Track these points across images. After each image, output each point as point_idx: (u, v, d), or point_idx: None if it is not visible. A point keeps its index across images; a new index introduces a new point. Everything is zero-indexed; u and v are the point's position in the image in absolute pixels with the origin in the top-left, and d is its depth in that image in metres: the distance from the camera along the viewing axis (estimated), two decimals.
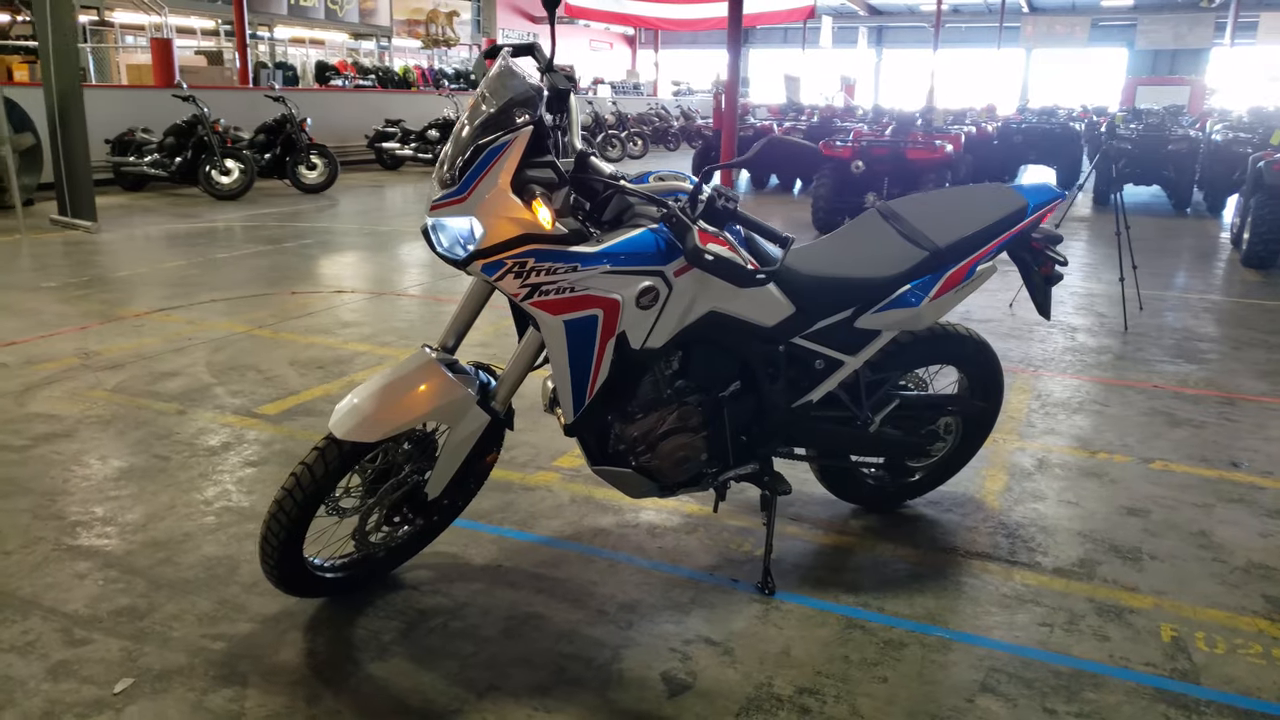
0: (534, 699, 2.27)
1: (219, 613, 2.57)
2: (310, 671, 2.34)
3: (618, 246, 2.24)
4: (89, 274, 6.80)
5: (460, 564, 2.88)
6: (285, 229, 9.14)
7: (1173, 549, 3.09)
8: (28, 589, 2.66)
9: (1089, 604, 2.75)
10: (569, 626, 2.57)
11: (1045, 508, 3.36)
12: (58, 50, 8.16)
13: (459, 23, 25.86)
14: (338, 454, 2.33)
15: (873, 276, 2.70)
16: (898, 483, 3.23)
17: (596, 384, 2.37)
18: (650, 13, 18.97)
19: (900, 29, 41.40)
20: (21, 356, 4.78)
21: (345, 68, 21.11)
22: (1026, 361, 5.20)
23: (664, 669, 2.40)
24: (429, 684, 2.31)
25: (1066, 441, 4.01)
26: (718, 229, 2.27)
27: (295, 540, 2.36)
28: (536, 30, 38.62)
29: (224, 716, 2.16)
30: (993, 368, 3.13)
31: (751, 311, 2.56)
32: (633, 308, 2.28)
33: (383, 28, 23.59)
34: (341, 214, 10.37)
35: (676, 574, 2.86)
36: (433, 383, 2.37)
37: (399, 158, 15.22)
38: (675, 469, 2.63)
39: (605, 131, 18.48)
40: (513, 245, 2.15)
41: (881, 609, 2.70)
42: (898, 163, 9.32)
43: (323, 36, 23.07)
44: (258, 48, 20.45)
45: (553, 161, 2.20)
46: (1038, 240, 2.95)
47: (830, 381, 2.80)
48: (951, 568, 2.93)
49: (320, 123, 14.92)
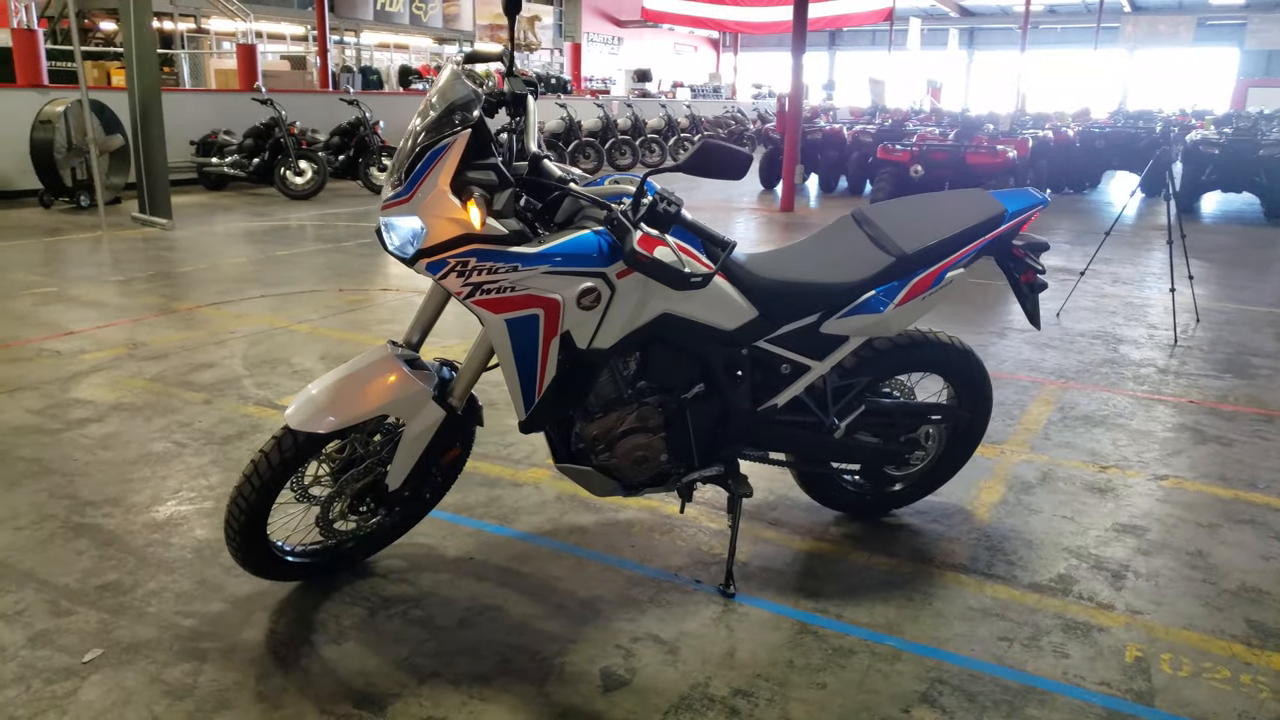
0: (472, 688, 2.33)
1: (196, 592, 2.71)
2: (267, 650, 2.45)
3: (559, 247, 2.29)
4: (155, 269, 7.16)
5: (433, 555, 2.96)
6: (349, 228, 9.44)
7: (1161, 568, 2.99)
8: (29, 562, 2.84)
9: (1057, 620, 2.68)
10: (523, 620, 2.63)
11: (1037, 522, 3.29)
12: (139, 56, 8.60)
13: (540, 27, 26.26)
14: (293, 444, 2.43)
15: (837, 281, 2.69)
16: (879, 491, 3.21)
17: (544, 382, 2.42)
18: (727, 16, 18.96)
19: (992, 30, 40.44)
20: (76, 345, 5.07)
21: (428, 72, 21.63)
22: (1059, 373, 5.06)
23: (605, 665, 2.44)
24: (375, 668, 2.39)
25: (1078, 455, 3.90)
26: (661, 232, 2.30)
27: (256, 525, 2.48)
28: (622, 34, 39.01)
29: (177, 689, 2.29)
30: (977, 376, 3.08)
31: (709, 314, 2.58)
32: (574, 308, 2.33)
33: (465, 32, 24.11)
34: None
35: (642, 573, 2.89)
36: (388, 377, 2.46)
37: None
38: (634, 469, 2.66)
39: (677, 135, 18.51)
40: (455, 245, 2.23)
41: (840, 616, 2.69)
42: (957, 167, 9.15)
43: (407, 41, 23.69)
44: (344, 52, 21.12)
45: (495, 164, 2.26)
46: (1019, 248, 2.90)
47: (796, 386, 2.80)
48: (922, 578, 2.90)
49: (396, 125, 15.34)
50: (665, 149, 18.05)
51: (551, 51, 27.38)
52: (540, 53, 26.91)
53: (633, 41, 38.56)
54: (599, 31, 37.47)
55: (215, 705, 2.23)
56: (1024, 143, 9.88)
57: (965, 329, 5.90)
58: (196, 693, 2.27)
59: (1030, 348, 5.54)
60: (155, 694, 2.26)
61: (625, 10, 36.85)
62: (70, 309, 5.86)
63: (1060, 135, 14.28)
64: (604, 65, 34.80)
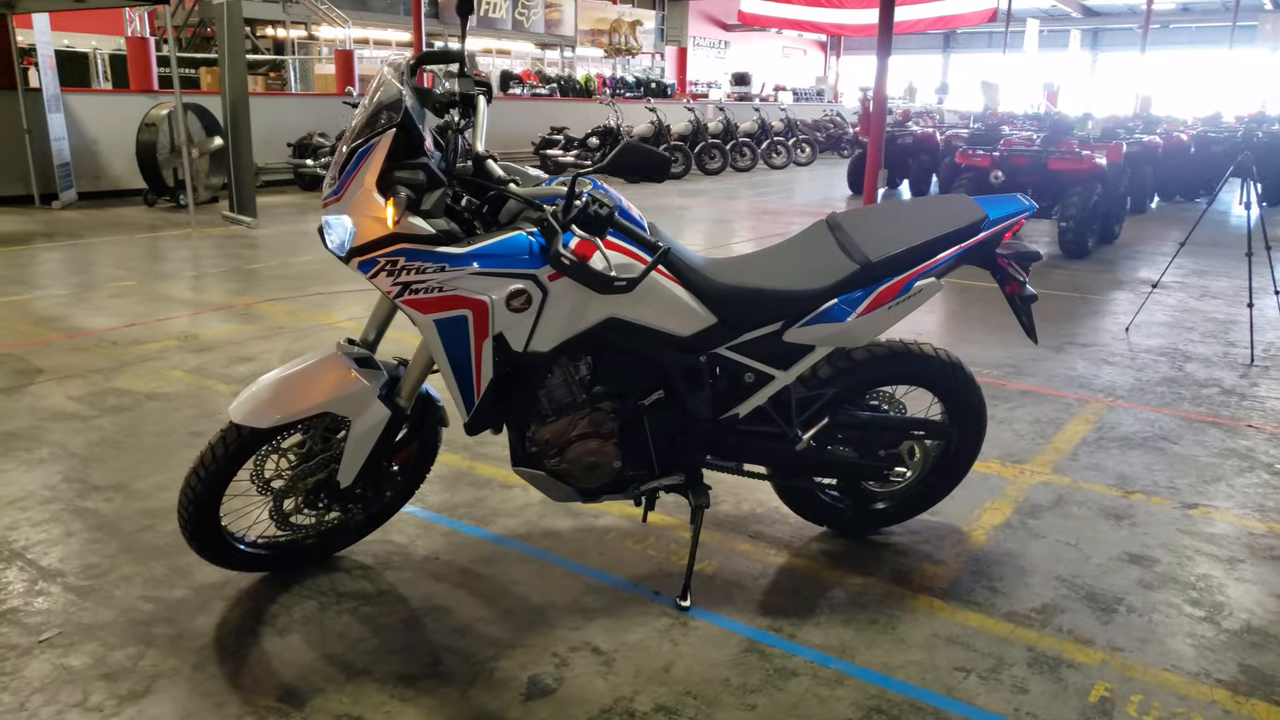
0: (396, 688, 2.34)
1: (165, 578, 2.80)
2: (213, 638, 2.51)
3: (488, 248, 2.28)
4: (229, 265, 7.48)
5: (401, 553, 2.99)
6: None
7: (1160, 603, 2.78)
8: (22, 542, 2.99)
9: (1026, 653, 2.52)
10: (468, 622, 2.62)
11: (1035, 548, 3.11)
12: (231, 63, 9.00)
13: (642, 32, 26.37)
14: (237, 438, 2.49)
15: (798, 289, 2.60)
16: (862, 508, 3.08)
17: (482, 383, 2.41)
18: (825, 18, 18.66)
19: (1117, 31, 38.65)
20: (132, 337, 5.33)
21: (529, 76, 22.00)
22: (1109, 390, 4.78)
23: (535, 672, 2.41)
24: (309, 662, 2.42)
25: (1104, 479, 3.67)
26: (595, 234, 2.26)
27: (207, 514, 2.54)
28: (729, 38, 38.88)
29: (116, 671, 2.36)
30: (965, 391, 2.93)
31: (661, 320, 2.52)
32: (504, 310, 2.31)
33: (567, 37, 24.42)
34: None
35: (602, 581, 2.85)
36: (332, 375, 2.49)
37: (561, 164, 15.71)
38: (585, 474, 2.63)
39: (770, 138, 18.32)
40: (384, 244, 2.24)
41: (793, 635, 2.59)
42: (1039, 173, 8.75)
43: (510, 46, 24.15)
44: None
45: (425, 163, 2.26)
46: (1005, 257, 2.74)
47: (758, 396, 2.71)
48: (892, 601, 2.77)
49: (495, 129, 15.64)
50: (757, 153, 17.89)
51: (652, 56, 27.46)
52: (640, 57, 27.02)
53: (740, 45, 38.38)
54: (705, 35, 37.44)
55: (145, 690, 2.29)
56: (1116, 148, 9.37)
57: (1022, 339, 5.63)
58: (132, 676, 2.34)
59: (1086, 363, 5.25)
60: (93, 675, 2.34)
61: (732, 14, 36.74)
62: (140, 302, 6.16)
63: (1171, 140, 13.51)
64: (711, 69, 34.72)
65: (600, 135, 15.31)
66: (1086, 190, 8.55)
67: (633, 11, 26.50)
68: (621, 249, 2.40)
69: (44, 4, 9.83)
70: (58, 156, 10.42)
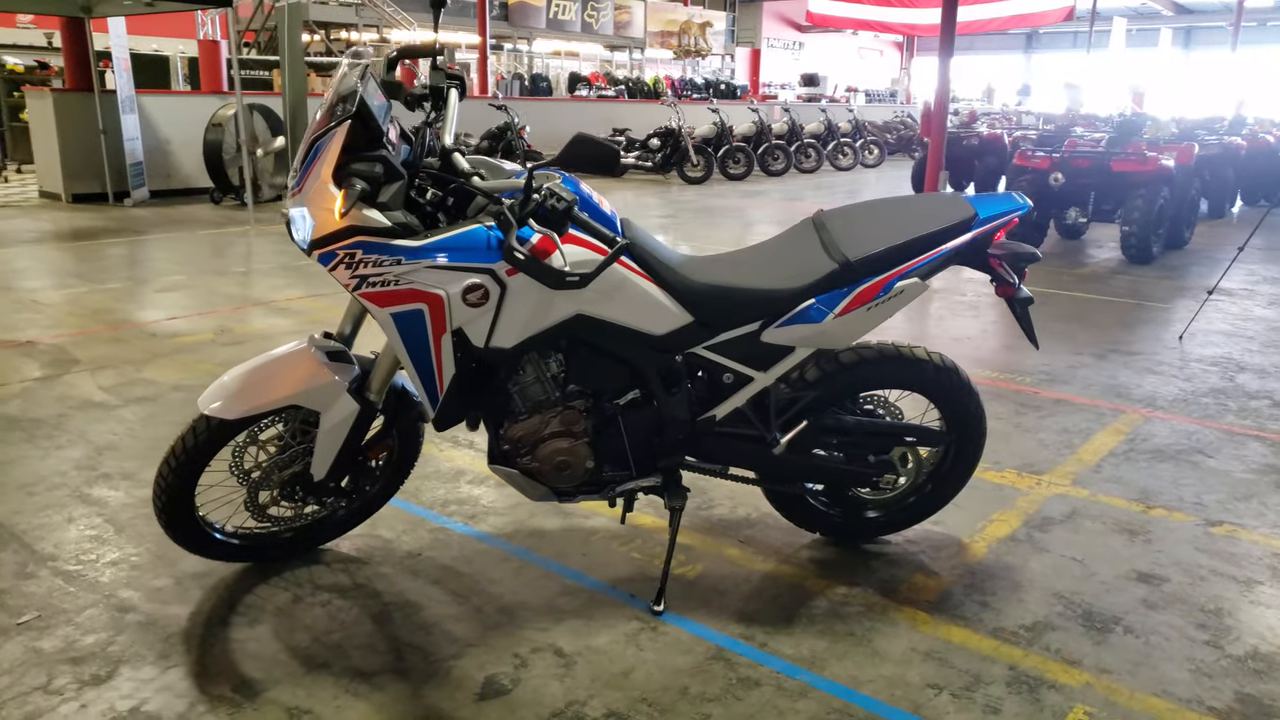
0: (351, 682, 2.33)
1: (150, 566, 2.85)
2: (183, 627, 2.54)
3: (445, 242, 2.26)
4: (278, 263, 7.64)
5: (385, 547, 2.99)
6: None
7: (1161, 624, 2.63)
8: (23, 525, 3.08)
9: (1007, 672, 2.41)
10: (437, 620, 2.61)
11: (1037, 562, 2.97)
12: (291, 65, 9.22)
13: (712, 33, 26.26)
14: (206, 429, 2.51)
15: (774, 288, 2.52)
16: (852, 515, 2.98)
17: (444, 379, 2.40)
18: (895, 18, 18.33)
19: (1211, 29, 37.14)
20: (171, 329, 5.48)
21: (597, 78, 22.10)
22: (1149, 400, 4.56)
23: (493, 673, 2.38)
24: (272, 654, 2.43)
25: (1126, 492, 3.50)
26: (554, 228, 2.22)
27: (180, 504, 2.57)
28: (803, 39, 38.52)
29: (83, 656, 2.41)
30: (960, 396, 2.81)
31: (632, 318, 2.48)
32: (460, 305, 2.29)
33: (636, 39, 24.46)
34: None
35: (580, 582, 2.81)
36: (300, 368, 2.50)
37: (622, 165, 15.72)
38: (555, 474, 2.59)
39: (837, 139, 18.05)
40: (342, 236, 2.23)
41: (764, 645, 2.51)
42: (1102, 175, 8.43)
43: (578, 48, 24.29)
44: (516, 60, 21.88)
45: (382, 155, 2.25)
46: (997, 257, 2.62)
47: (737, 398, 2.65)
48: (874, 612, 2.67)
49: (554, 130, 15.76)
50: (822, 154, 17.66)
51: (722, 57, 27.33)
52: (710, 59, 26.92)
53: (815, 46, 37.97)
54: (779, 36, 37.15)
55: (107, 675, 2.33)
56: (1187, 150, 8.97)
57: (1064, 346, 5.42)
58: (97, 660, 2.39)
59: (1129, 372, 5.03)
60: (61, 659, 2.39)
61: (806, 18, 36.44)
62: (187, 296, 6.34)
63: (1257, 142, 12.89)
64: (785, 70, 34.43)
65: (661, 136, 15.27)
66: (1151, 193, 8.20)
67: (703, 13, 26.40)
68: (587, 244, 2.37)
69: (119, 8, 10.20)
70: (130, 156, 10.81)
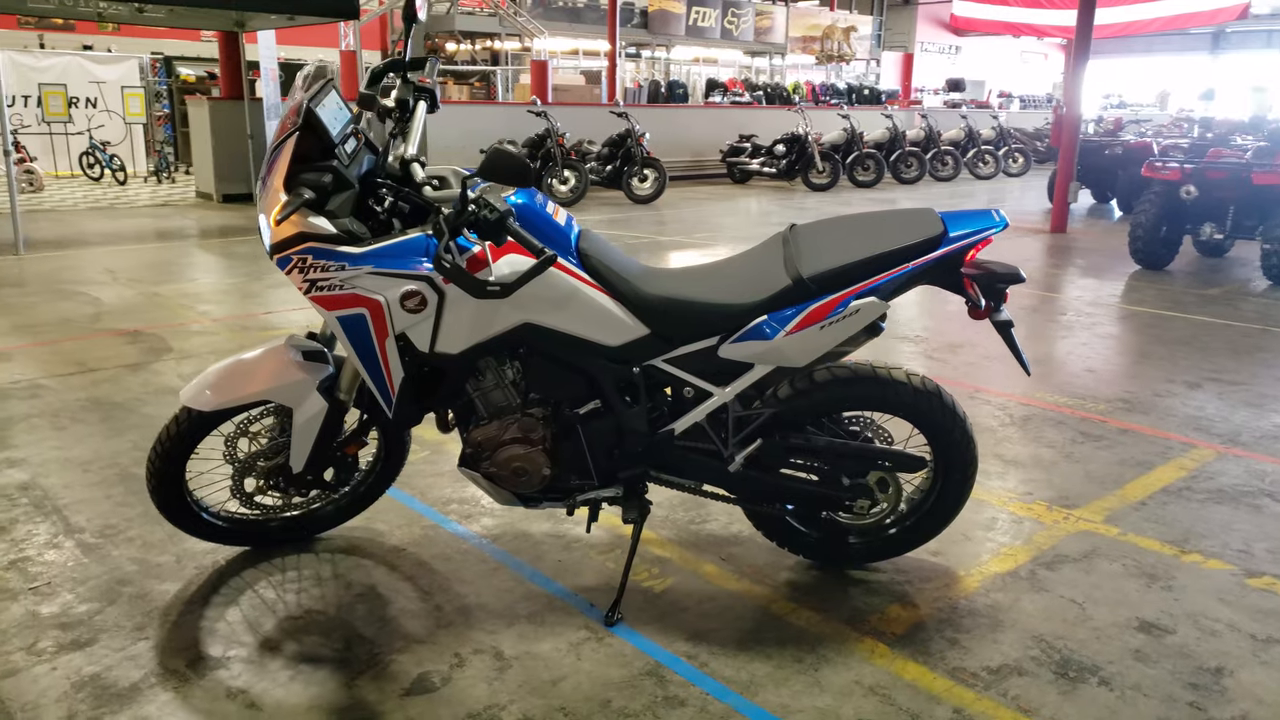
0: (295, 668, 2.44)
1: (159, 544, 3.06)
2: (166, 603, 2.72)
3: (385, 249, 2.34)
4: None
5: (375, 541, 3.11)
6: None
7: (1146, 680, 2.42)
8: (66, 499, 3.37)
9: (951, 714, 2.28)
10: (395, 615, 2.69)
11: (1030, 602, 2.79)
12: None
13: (857, 38, 25.72)
14: (187, 418, 2.68)
15: (727, 303, 2.48)
16: (829, 539, 2.88)
17: (393, 381, 2.48)
18: (1042, 20, 17.49)
19: None
20: (263, 323, 5.84)
21: (734, 85, 22.05)
22: (1230, 436, 4.20)
23: (428, 670, 2.44)
24: (232, 634, 2.57)
25: (1163, 534, 3.24)
26: (486, 238, 2.26)
27: (169, 485, 2.74)
28: (960, 43, 37.21)
29: (72, 622, 2.61)
30: (944, 422, 2.68)
31: (583, 328, 2.49)
32: (400, 310, 2.36)
33: (777, 45, 24.24)
34: (642, 222, 10.99)
35: (546, 588, 2.84)
36: (273, 365, 2.64)
37: (746, 172, 15.65)
38: (513, 480, 2.63)
39: (978, 147, 17.36)
40: (295, 242, 2.34)
41: (704, 665, 2.47)
42: (1242, 189, 7.78)
43: (718, 55, 24.28)
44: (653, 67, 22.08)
45: (332, 165, 2.34)
46: (972, 277, 2.48)
47: (697, 412, 2.62)
48: (833, 640, 2.58)
49: (678, 137, 15.83)
50: (960, 162, 17.02)
51: (867, 62, 26.73)
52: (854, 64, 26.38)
53: (974, 49, 36.62)
54: (934, 40, 36.04)
55: (87, 641, 2.52)
56: None
57: (1157, 372, 5.06)
58: (82, 628, 2.59)
59: (1220, 404, 4.64)
60: (52, 624, 2.60)
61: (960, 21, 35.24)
62: (292, 291, 6.73)
63: None
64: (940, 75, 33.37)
65: (787, 143, 15.10)
66: None
67: (848, 18, 25.90)
68: (480, 253, 2.39)
69: (267, 23, 10.92)
70: None
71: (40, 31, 17.94)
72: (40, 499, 3.36)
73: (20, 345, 5.34)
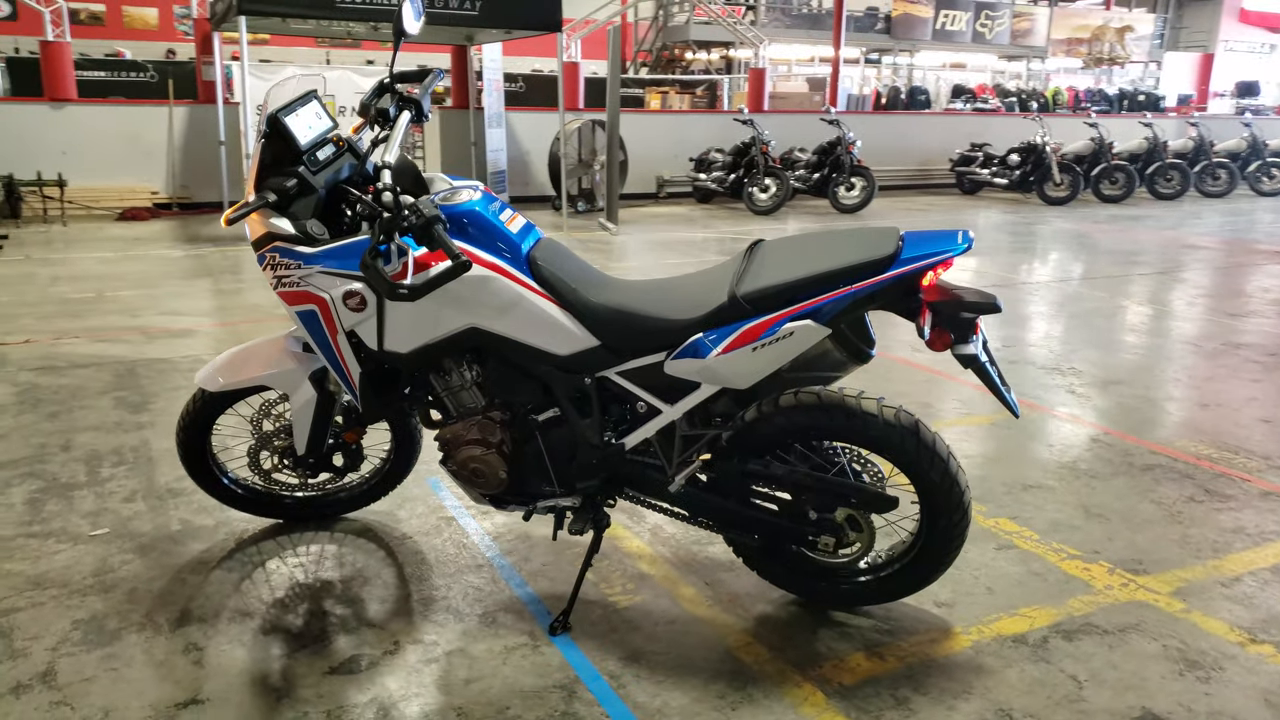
0: (250, 636, 2.61)
1: (208, 508, 3.37)
2: (181, 563, 3.01)
3: (335, 249, 2.46)
4: None
5: (388, 527, 3.27)
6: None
7: None
8: (164, 464, 3.79)
9: None
10: (366, 598, 2.82)
11: (1018, 673, 2.48)
12: (609, 86, 9.93)
13: (1132, 38, 23.47)
14: (201, 397, 2.95)
15: (667, 317, 2.40)
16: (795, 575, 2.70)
17: (352, 375, 2.60)
18: None
19: None
20: None
21: (984, 90, 20.85)
22: None
23: (362, 653, 2.54)
24: (220, 599, 2.81)
25: (1239, 618, 2.77)
26: (421, 243, 2.32)
27: (194, 451, 3.02)
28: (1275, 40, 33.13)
29: (101, 568, 2.95)
30: (921, 462, 2.43)
31: (529, 336, 2.50)
32: (343, 308, 2.47)
33: (1036, 48, 22.63)
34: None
35: (516, 591, 2.87)
36: (271, 353, 2.85)
37: (976, 182, 14.76)
38: (471, 480, 2.69)
39: (1263, 159, 15.33)
40: (266, 241, 2.52)
41: (621, 688, 2.41)
42: None
43: (968, 59, 23.02)
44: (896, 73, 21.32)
45: (297, 171, 2.48)
46: (937, 305, 2.23)
47: (646, 429, 2.55)
48: (768, 681, 2.43)
49: (892, 146, 15.20)
50: (1237, 176, 15.11)
51: (1145, 65, 24.32)
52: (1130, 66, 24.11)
53: None
54: (1242, 38, 32.29)
55: (94, 590, 2.84)
56: None
57: (1259, 407, 4.29)
58: (106, 574, 2.91)
59: None
60: (85, 570, 2.95)
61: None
62: None
63: None
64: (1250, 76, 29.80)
65: (1021, 153, 14.08)
66: None
67: (1125, 16, 23.69)
68: (484, 262, 2.44)
69: (490, 36, 11.65)
70: (493, 165, 12.29)
71: (328, 49, 20.17)
72: (145, 459, 3.81)
73: (214, 325, 6.05)
